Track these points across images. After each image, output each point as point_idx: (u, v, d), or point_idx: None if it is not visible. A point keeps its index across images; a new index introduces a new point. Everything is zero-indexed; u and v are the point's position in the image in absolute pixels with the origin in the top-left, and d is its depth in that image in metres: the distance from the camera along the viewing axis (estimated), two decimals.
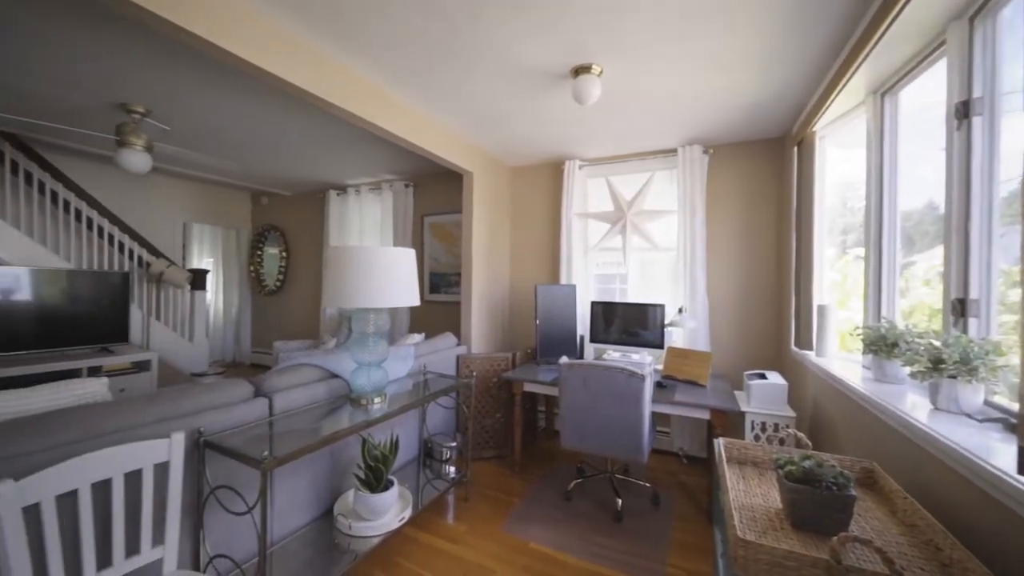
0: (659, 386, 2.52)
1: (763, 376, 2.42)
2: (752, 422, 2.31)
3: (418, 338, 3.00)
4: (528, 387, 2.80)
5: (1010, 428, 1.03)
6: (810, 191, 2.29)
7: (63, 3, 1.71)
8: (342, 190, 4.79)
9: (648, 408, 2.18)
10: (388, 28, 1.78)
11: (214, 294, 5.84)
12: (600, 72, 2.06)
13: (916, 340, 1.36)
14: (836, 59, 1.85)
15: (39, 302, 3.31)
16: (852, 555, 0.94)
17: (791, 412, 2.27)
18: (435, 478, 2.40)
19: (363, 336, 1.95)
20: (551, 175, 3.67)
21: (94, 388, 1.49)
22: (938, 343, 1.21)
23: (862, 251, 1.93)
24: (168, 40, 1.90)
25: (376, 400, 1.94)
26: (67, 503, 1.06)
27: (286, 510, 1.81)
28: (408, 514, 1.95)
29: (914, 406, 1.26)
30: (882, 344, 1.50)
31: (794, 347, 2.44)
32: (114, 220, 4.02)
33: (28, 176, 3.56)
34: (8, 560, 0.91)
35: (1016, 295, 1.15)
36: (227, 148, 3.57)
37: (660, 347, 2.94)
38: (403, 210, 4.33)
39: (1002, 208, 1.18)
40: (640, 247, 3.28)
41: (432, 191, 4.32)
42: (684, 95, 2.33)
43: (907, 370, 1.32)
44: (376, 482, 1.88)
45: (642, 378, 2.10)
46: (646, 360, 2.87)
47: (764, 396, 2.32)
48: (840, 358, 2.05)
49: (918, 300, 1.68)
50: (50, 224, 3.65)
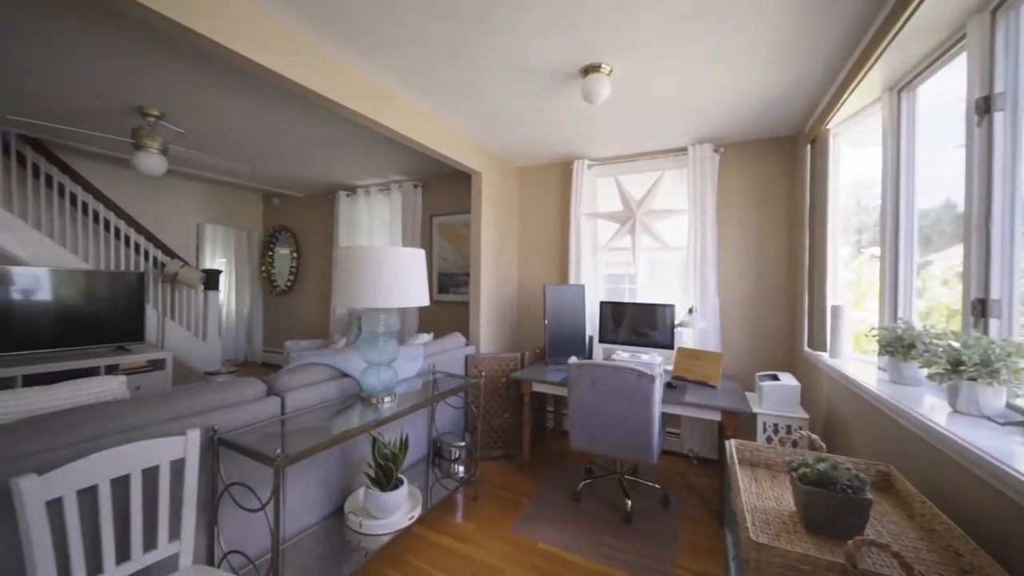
0: (669, 387, 2.50)
1: (775, 377, 2.39)
2: (764, 424, 2.28)
3: (427, 338, 3.02)
4: (537, 387, 2.80)
5: None
6: (823, 189, 2.25)
7: (82, 8, 1.75)
8: (351, 191, 4.83)
9: (658, 409, 2.16)
10: (397, 29, 1.79)
11: (226, 294, 5.93)
12: (610, 71, 2.05)
13: (934, 341, 1.33)
14: (851, 55, 1.82)
15: (59, 302, 3.39)
16: (868, 559, 0.93)
17: (804, 414, 2.23)
18: (444, 477, 2.41)
19: (373, 336, 1.96)
20: (560, 175, 3.66)
21: (113, 386, 1.52)
22: (957, 344, 1.18)
23: (877, 250, 1.89)
24: (178, 42, 1.93)
25: (386, 399, 1.95)
26: (87, 498, 1.08)
27: (298, 508, 1.84)
28: (418, 513, 1.96)
29: (932, 409, 1.23)
30: (899, 345, 1.47)
31: (807, 348, 2.40)
32: (130, 221, 4.11)
33: (48, 179, 3.66)
34: (33, 553, 0.94)
35: None
36: (239, 150, 3.63)
37: (670, 347, 2.92)
38: (412, 210, 4.36)
39: None
40: (650, 247, 3.26)
41: (441, 191, 4.34)
42: (694, 93, 2.30)
43: (925, 372, 1.30)
44: (386, 480, 1.90)
45: (652, 379, 2.09)
46: (656, 361, 2.85)
47: (776, 397, 2.29)
48: (855, 359, 2.01)
49: (935, 300, 1.65)
50: (69, 226, 3.74)
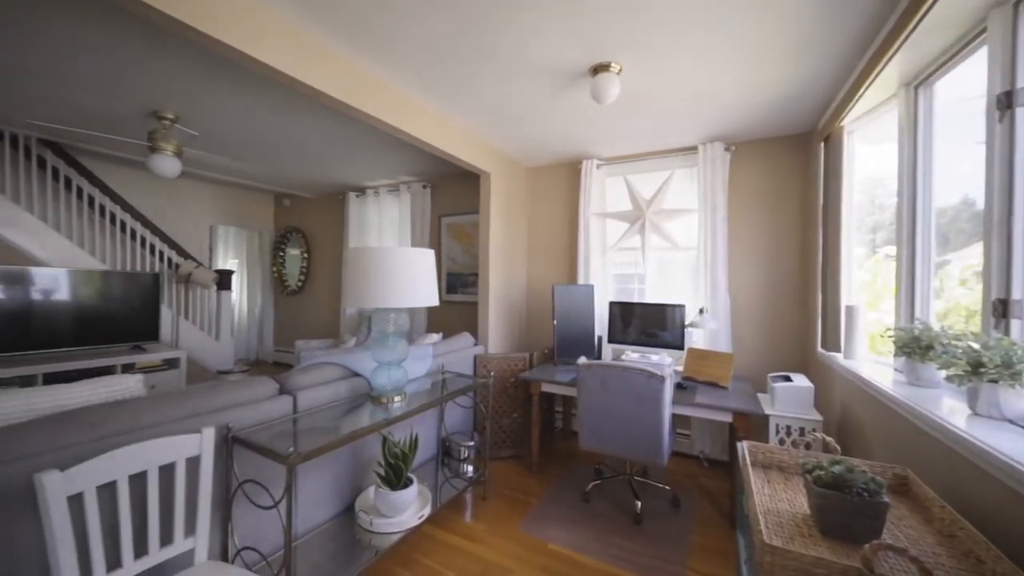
0: (679, 387, 2.48)
1: (788, 378, 2.36)
2: (776, 425, 2.25)
3: (436, 338, 3.03)
4: (546, 387, 2.79)
5: None
6: (837, 188, 2.21)
7: (105, 11, 1.79)
8: (361, 192, 4.86)
9: (668, 410, 2.15)
10: (404, 28, 1.80)
11: (239, 294, 6.01)
12: (619, 70, 2.04)
13: (953, 342, 1.30)
14: (867, 50, 1.79)
15: (77, 302, 3.46)
16: (885, 564, 0.91)
17: (818, 416, 2.20)
18: (453, 477, 2.42)
19: (383, 335, 1.98)
20: (568, 175, 3.65)
21: (130, 384, 1.55)
22: (977, 345, 1.16)
23: (892, 249, 1.86)
24: (191, 44, 1.96)
25: (396, 399, 1.97)
26: (106, 494, 1.11)
27: (309, 505, 1.86)
28: (427, 512, 1.97)
29: (951, 411, 1.21)
30: (916, 346, 1.44)
31: (820, 349, 2.37)
32: (145, 223, 4.19)
33: (68, 182, 3.75)
34: (56, 546, 0.96)
35: None
36: (251, 152, 3.68)
37: (680, 348, 2.90)
38: (421, 211, 4.38)
39: None
40: (659, 246, 3.23)
41: (449, 192, 4.35)
42: (705, 92, 2.28)
43: (943, 374, 1.27)
44: (396, 479, 1.91)
45: (662, 379, 2.07)
46: (666, 361, 2.83)
47: (789, 399, 2.26)
48: (870, 361, 1.98)
49: (954, 301, 1.61)
50: (87, 227, 3.83)
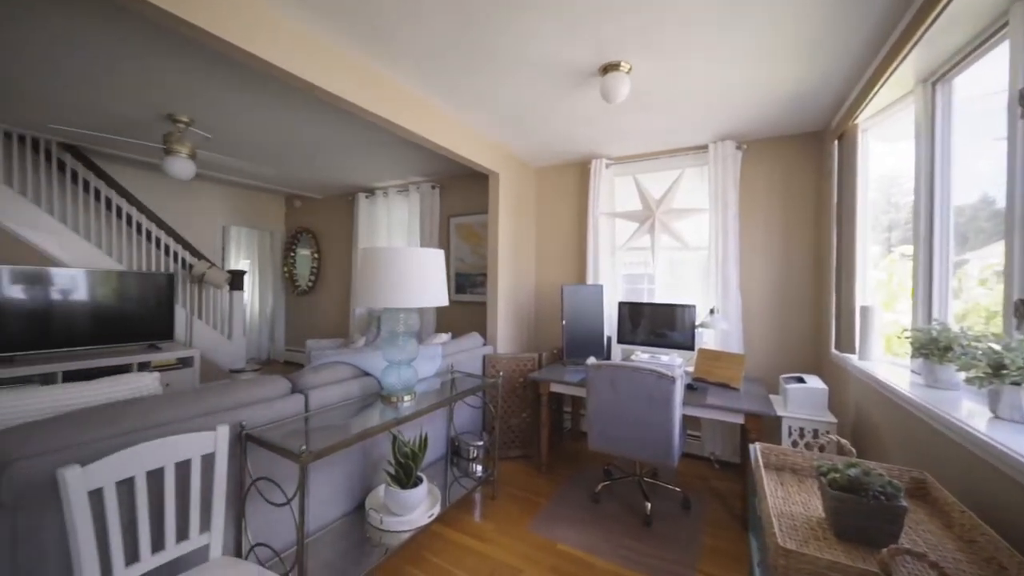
0: (690, 388, 2.46)
1: (801, 380, 2.33)
2: (789, 427, 2.22)
3: (445, 338, 3.04)
4: (555, 387, 2.79)
5: None
6: (852, 186, 2.18)
7: (108, 15, 1.83)
8: (370, 192, 4.90)
9: (678, 411, 2.13)
10: (413, 29, 1.80)
11: (250, 294, 6.09)
12: (629, 69, 2.03)
13: (973, 344, 1.27)
14: (883, 47, 1.76)
15: (94, 302, 3.54)
16: (903, 569, 0.89)
17: (832, 418, 2.17)
18: (462, 476, 2.43)
19: (393, 335, 1.99)
20: (577, 175, 3.64)
21: (146, 382, 1.58)
22: (999, 347, 1.13)
23: (909, 249, 1.82)
24: (207, 48, 2.00)
25: (406, 398, 1.98)
26: (125, 490, 1.13)
27: (321, 503, 1.88)
28: (437, 511, 1.98)
29: (971, 414, 1.18)
30: (934, 348, 1.41)
31: (834, 350, 2.33)
32: (160, 224, 4.27)
33: (86, 184, 3.84)
34: (77, 540, 0.99)
35: None
36: (263, 153, 3.73)
37: (690, 348, 2.87)
38: (429, 211, 4.40)
39: None
40: (669, 246, 3.21)
41: (458, 192, 4.36)
42: (716, 90, 2.26)
43: (962, 376, 1.24)
44: (406, 478, 1.92)
45: (672, 380, 2.06)
46: (676, 362, 2.81)
47: (803, 401, 2.23)
48: (886, 362, 1.94)
49: (973, 302, 1.57)
50: (104, 228, 3.91)
